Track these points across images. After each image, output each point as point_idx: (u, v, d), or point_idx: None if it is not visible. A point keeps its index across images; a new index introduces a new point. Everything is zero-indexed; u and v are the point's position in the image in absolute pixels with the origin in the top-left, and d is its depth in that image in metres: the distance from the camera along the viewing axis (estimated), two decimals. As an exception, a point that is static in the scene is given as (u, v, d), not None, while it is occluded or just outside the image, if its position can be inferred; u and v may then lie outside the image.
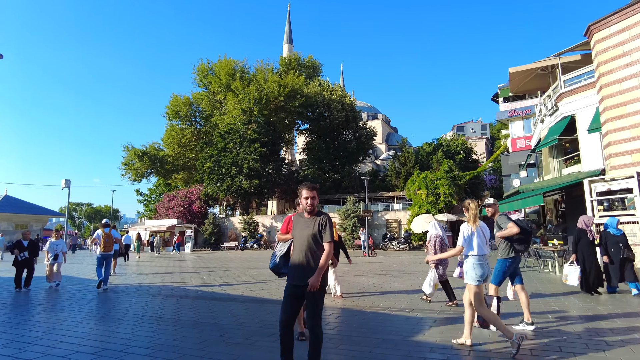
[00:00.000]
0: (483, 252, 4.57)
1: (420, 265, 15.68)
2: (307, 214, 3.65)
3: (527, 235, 5.43)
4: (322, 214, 3.64)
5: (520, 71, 21.35)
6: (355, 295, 8.66)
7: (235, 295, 9.00)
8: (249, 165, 33.22)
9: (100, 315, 7.02)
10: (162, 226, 34.97)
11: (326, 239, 3.51)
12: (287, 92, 36.49)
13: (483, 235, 4.67)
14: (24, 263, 10.64)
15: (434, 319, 6.20)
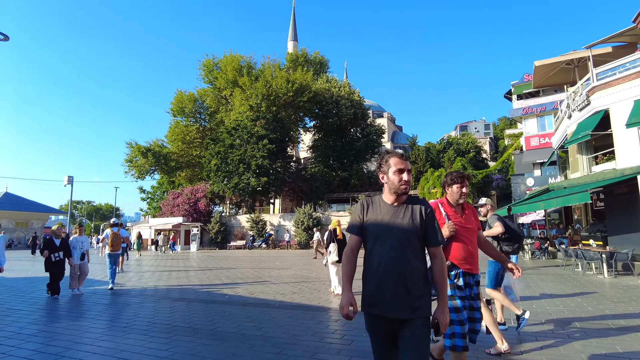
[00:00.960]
0: None
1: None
2: (393, 198, 2.30)
3: (516, 236, 5.37)
4: (418, 200, 2.37)
5: (546, 65, 20.55)
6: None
7: (268, 300, 8.17)
8: (257, 162, 32.37)
9: (126, 324, 6.18)
10: (168, 224, 34.13)
11: (436, 241, 2.30)
12: (296, 87, 35.65)
13: None
14: (59, 265, 9.25)
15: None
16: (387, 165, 2.33)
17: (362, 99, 41.53)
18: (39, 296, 9.18)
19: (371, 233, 2.28)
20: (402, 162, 2.30)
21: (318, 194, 36.59)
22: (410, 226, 2.22)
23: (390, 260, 2.18)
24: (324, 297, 8.49)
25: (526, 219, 26.70)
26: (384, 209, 2.31)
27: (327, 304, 7.70)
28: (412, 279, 2.18)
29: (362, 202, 2.41)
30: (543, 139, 32.06)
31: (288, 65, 42.89)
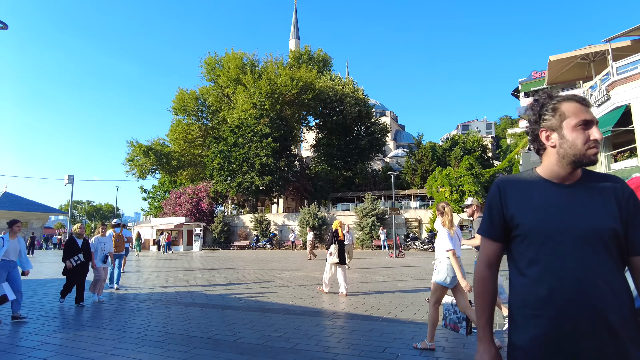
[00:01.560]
0: (458, 254, 4.48)
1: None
2: (567, 171, 1.38)
3: None
4: (604, 176, 1.42)
5: (561, 59, 20.00)
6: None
7: (288, 306, 7.60)
8: (261, 161, 31.79)
9: (137, 334, 5.60)
10: (170, 224, 33.54)
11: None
12: (300, 85, 35.08)
13: (457, 237, 4.63)
14: (79, 270, 7.96)
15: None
16: (560, 115, 1.38)
17: (367, 97, 40.98)
18: (40, 301, 8.60)
19: (527, 234, 1.37)
20: (587, 112, 1.38)
21: (322, 193, 36.03)
22: (604, 220, 1.31)
23: (576, 282, 1.27)
24: (347, 302, 7.92)
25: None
26: (548, 192, 1.39)
27: (353, 309, 7.13)
28: (619, 315, 1.25)
29: (499, 184, 1.49)
30: (552, 137, 31.56)
31: (291, 63, 42.34)
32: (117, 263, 10.44)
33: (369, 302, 7.83)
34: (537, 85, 34.13)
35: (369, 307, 7.31)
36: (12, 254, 6.67)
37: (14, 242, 6.75)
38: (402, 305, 7.43)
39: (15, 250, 6.71)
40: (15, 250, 6.72)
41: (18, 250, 6.77)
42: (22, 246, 6.93)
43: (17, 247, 6.76)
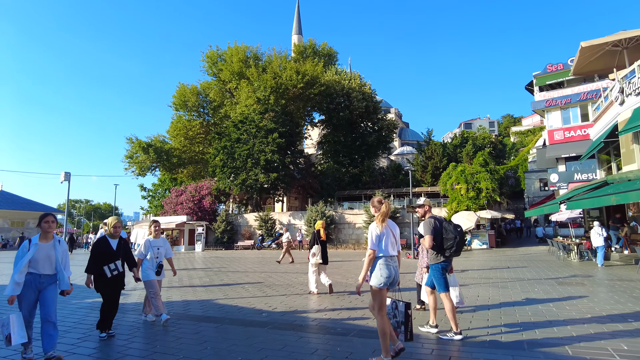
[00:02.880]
0: (390, 253, 4.31)
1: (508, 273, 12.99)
2: None
3: (446, 242, 5.19)
4: None
5: (593, 46, 18.68)
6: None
7: (324, 321, 6.28)
8: (266, 157, 30.42)
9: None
10: (171, 223, 32.19)
11: None
12: (306, 79, 33.73)
13: (392, 235, 4.43)
14: (117, 282, 5.60)
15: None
16: None
17: (374, 91, 39.65)
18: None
19: None
20: None
21: (329, 191, 34.70)
22: None
23: None
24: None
25: (560, 217, 24.88)
26: None
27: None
28: None
29: None
30: (568, 133, 30.31)
31: (295, 57, 40.98)
32: None
33: (425, 318, 6.52)
34: (554, 78, 32.87)
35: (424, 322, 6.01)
36: (44, 264, 4.52)
37: (47, 246, 4.59)
38: (482, 319, 6.11)
39: (49, 259, 4.54)
40: (49, 259, 4.55)
41: (53, 258, 4.57)
42: (60, 252, 4.67)
43: (51, 253, 4.58)
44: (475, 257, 19.73)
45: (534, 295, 8.22)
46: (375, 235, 4.27)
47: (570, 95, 30.00)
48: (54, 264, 4.57)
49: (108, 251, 5.59)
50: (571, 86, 31.31)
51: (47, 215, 4.70)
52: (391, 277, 4.20)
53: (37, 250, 4.50)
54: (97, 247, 5.66)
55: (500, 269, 13.54)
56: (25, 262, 4.39)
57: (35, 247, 4.50)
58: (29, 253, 4.45)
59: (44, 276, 4.53)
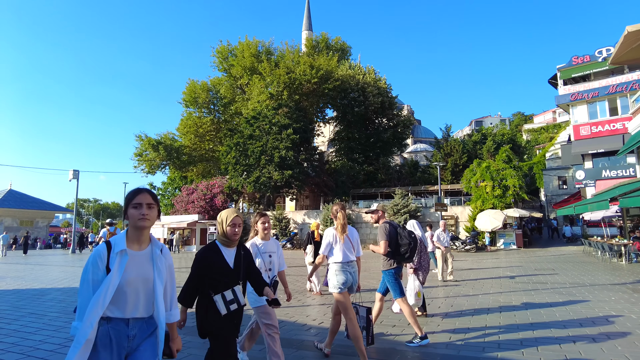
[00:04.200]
0: (347, 259, 4.37)
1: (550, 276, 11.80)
2: None
3: (400, 248, 5.08)
4: None
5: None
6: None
7: (393, 343, 5.18)
8: (281, 154, 29.37)
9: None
10: (182, 222, 31.29)
11: None
12: (320, 74, 32.62)
13: (349, 241, 4.47)
14: (232, 323, 3.06)
15: None
16: None
17: (389, 86, 38.44)
18: (63, 324, 6.25)
19: None
20: None
21: (344, 189, 33.59)
22: None
23: None
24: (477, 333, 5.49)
25: (594, 216, 23.57)
26: None
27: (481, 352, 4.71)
28: None
29: None
30: (595, 128, 29.00)
31: (308, 52, 39.89)
32: None
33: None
34: (580, 71, 31.46)
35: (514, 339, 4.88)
36: (136, 296, 2.20)
37: (141, 258, 2.25)
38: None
39: (144, 285, 2.22)
40: (145, 285, 2.23)
41: (151, 283, 2.24)
42: (164, 271, 2.33)
43: (148, 274, 2.24)
44: (507, 258, 18.53)
45: (620, 308, 7.05)
46: (328, 242, 4.41)
47: (598, 89, 28.69)
48: (153, 296, 2.23)
49: (223, 269, 3.07)
50: (598, 79, 29.93)
51: (140, 193, 2.26)
52: (348, 282, 4.30)
53: (127, 267, 2.15)
54: (203, 259, 3.07)
55: (549, 273, 12.35)
56: (107, 293, 2.05)
57: (124, 259, 2.15)
58: (112, 275, 2.09)
59: (135, 322, 2.20)
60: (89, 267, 2.08)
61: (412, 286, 6.18)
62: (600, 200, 13.93)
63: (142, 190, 2.26)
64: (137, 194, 2.23)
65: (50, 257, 24.99)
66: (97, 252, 2.12)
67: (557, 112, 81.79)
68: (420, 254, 6.44)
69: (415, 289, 6.16)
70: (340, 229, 4.38)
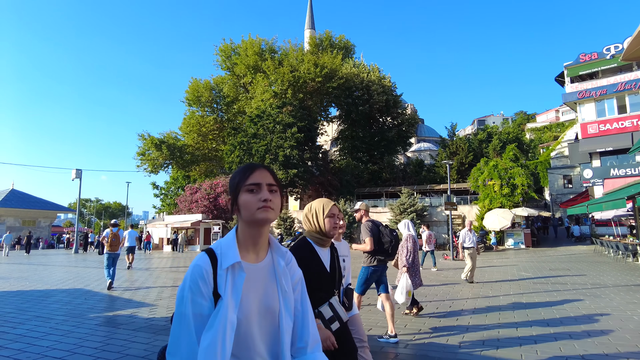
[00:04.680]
0: None
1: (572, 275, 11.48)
2: None
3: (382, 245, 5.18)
4: None
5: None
6: None
7: (445, 346, 4.89)
8: (285, 153, 29.08)
9: None
10: (186, 222, 31.01)
11: None
12: (325, 72, 32.31)
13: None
14: (341, 342, 2.17)
15: None
16: None
17: (394, 84, 38.11)
18: (71, 328, 5.96)
19: None
20: None
21: (349, 188, 33.28)
22: None
23: None
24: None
25: (604, 215, 23.24)
26: None
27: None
28: None
29: None
30: (603, 126, 28.69)
31: (311, 50, 39.58)
32: (112, 262, 10.57)
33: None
34: (587, 68, 31.10)
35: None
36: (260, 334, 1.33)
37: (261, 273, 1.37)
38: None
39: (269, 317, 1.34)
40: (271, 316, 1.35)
41: (276, 312, 1.35)
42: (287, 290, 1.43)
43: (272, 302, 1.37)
44: (517, 257, 18.20)
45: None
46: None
47: (606, 86, 28.38)
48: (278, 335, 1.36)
49: (321, 276, 2.31)
50: (606, 76, 29.59)
51: (256, 169, 1.38)
52: None
53: (245, 292, 1.30)
54: (299, 261, 1.69)
55: (567, 274, 12.03)
56: (225, 339, 1.20)
57: (239, 279, 1.30)
58: (228, 308, 1.24)
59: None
60: (187, 295, 1.24)
61: (404, 284, 6.14)
62: (617, 199, 13.61)
63: (258, 166, 1.39)
64: (253, 170, 1.36)
65: (53, 257, 24.74)
66: (198, 269, 1.26)
67: (560, 111, 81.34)
68: (413, 253, 6.47)
69: (406, 287, 6.14)
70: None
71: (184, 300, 1.24)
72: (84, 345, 5.17)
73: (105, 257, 10.56)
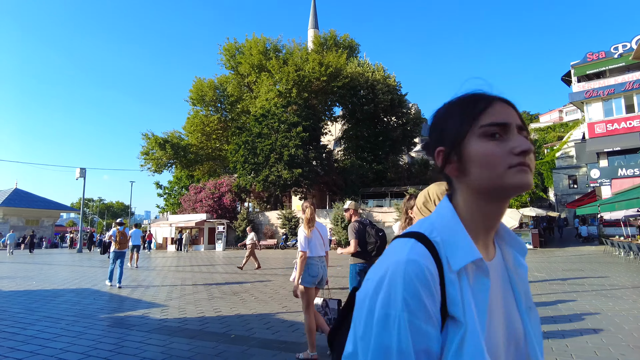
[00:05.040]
0: (318, 253, 4.55)
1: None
2: None
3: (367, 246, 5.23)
4: None
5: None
6: None
7: None
8: (290, 152, 28.90)
9: None
10: (190, 221, 30.92)
11: None
12: (330, 71, 32.12)
13: (320, 236, 4.67)
14: None
15: None
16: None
17: (399, 83, 37.89)
18: (82, 329, 5.81)
19: None
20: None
21: (353, 188, 33.09)
22: None
23: None
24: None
25: (614, 215, 22.99)
26: None
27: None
28: None
29: None
30: (610, 125, 28.49)
31: (316, 49, 39.40)
32: (119, 262, 10.60)
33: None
34: (595, 67, 30.88)
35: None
36: None
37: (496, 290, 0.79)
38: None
39: None
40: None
41: None
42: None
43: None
44: (527, 258, 17.94)
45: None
46: (304, 237, 4.50)
47: (614, 85, 28.17)
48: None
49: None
50: (614, 75, 29.35)
51: (495, 102, 0.77)
52: (318, 276, 4.49)
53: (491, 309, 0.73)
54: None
55: (583, 275, 11.83)
56: None
57: (482, 289, 0.73)
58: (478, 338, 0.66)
59: None
60: (399, 316, 0.65)
61: None
62: (632, 198, 13.40)
63: (496, 97, 0.78)
64: (490, 102, 0.77)
65: (58, 257, 24.65)
66: (417, 269, 0.67)
67: (564, 111, 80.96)
68: None
69: None
70: (305, 222, 4.57)
71: (393, 323, 0.64)
72: (97, 347, 5.01)
73: (112, 255, 10.68)
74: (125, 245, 10.91)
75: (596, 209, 16.76)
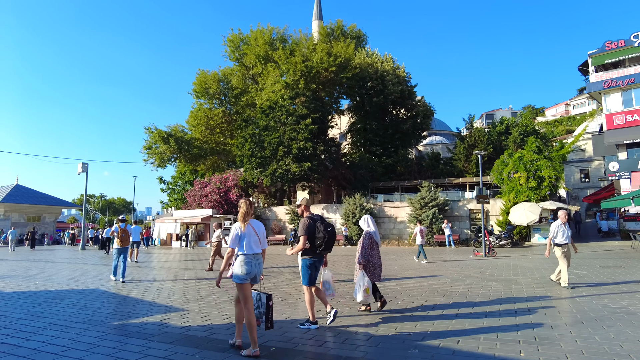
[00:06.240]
0: (253, 251, 4.51)
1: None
2: None
3: (315, 241, 5.34)
4: None
5: None
6: None
7: None
8: (299, 145, 27.96)
9: None
10: (196, 217, 30.06)
11: None
12: (338, 62, 31.10)
13: (255, 233, 4.60)
14: None
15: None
16: None
17: (408, 74, 36.87)
18: (95, 340, 4.96)
19: None
20: None
21: (363, 182, 32.19)
22: None
23: None
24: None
25: (638, 209, 22.14)
26: None
27: None
28: None
29: None
30: (630, 116, 27.57)
31: (322, 40, 38.35)
32: (122, 257, 10.76)
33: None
34: (614, 57, 29.81)
35: None
36: None
37: None
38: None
39: None
40: None
41: None
42: None
43: None
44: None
45: None
46: (235, 234, 4.48)
47: (634, 75, 27.22)
48: None
49: None
50: (634, 65, 28.36)
51: None
52: (252, 274, 4.45)
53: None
54: None
55: (628, 274, 10.98)
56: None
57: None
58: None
59: None
60: None
61: (362, 282, 6.14)
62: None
63: None
64: None
65: (60, 253, 23.85)
66: None
67: (571, 104, 79.82)
68: (371, 250, 6.46)
69: (364, 285, 6.13)
70: (242, 218, 4.52)
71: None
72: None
73: (115, 251, 10.84)
74: (127, 242, 11.15)
75: (628, 202, 15.83)
